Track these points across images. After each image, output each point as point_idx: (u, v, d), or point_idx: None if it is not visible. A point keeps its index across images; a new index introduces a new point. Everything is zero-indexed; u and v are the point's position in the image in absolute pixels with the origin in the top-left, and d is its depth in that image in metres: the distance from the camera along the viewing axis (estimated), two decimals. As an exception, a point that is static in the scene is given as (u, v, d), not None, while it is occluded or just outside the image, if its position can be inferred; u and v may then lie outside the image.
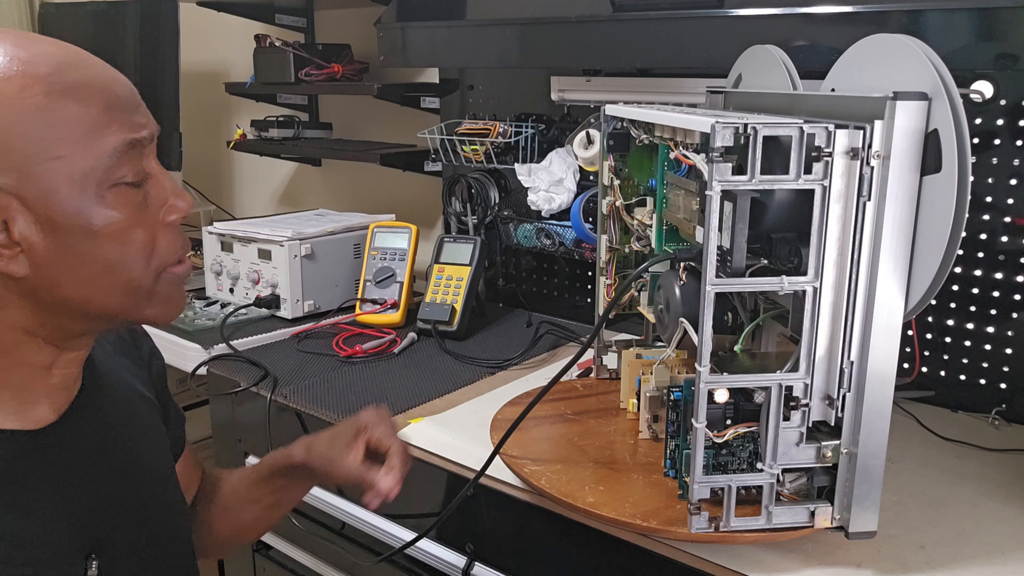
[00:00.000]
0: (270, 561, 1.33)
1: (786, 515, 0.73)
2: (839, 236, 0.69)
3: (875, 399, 0.70)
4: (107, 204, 0.59)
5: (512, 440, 0.89)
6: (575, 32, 1.19)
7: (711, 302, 0.69)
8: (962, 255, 1.09)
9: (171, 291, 0.66)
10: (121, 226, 0.60)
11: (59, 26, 2.30)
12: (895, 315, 0.69)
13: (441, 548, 1.01)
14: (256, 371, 1.25)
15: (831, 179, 0.67)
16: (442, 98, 1.63)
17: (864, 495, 0.72)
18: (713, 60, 1.06)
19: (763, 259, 0.76)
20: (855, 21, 0.94)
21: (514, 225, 1.50)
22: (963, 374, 1.12)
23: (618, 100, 1.35)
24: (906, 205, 0.67)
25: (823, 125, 0.66)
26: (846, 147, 0.67)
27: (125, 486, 0.70)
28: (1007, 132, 1.04)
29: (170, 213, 0.64)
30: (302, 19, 1.97)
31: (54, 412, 0.65)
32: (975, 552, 0.79)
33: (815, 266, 0.69)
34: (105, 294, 0.62)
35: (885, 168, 0.66)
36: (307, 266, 1.48)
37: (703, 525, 0.73)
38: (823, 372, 0.72)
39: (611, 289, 1.04)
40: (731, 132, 0.66)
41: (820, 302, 0.70)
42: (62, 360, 0.65)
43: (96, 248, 0.60)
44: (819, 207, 0.68)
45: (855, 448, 0.71)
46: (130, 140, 0.61)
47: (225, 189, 2.37)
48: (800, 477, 0.75)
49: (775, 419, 0.71)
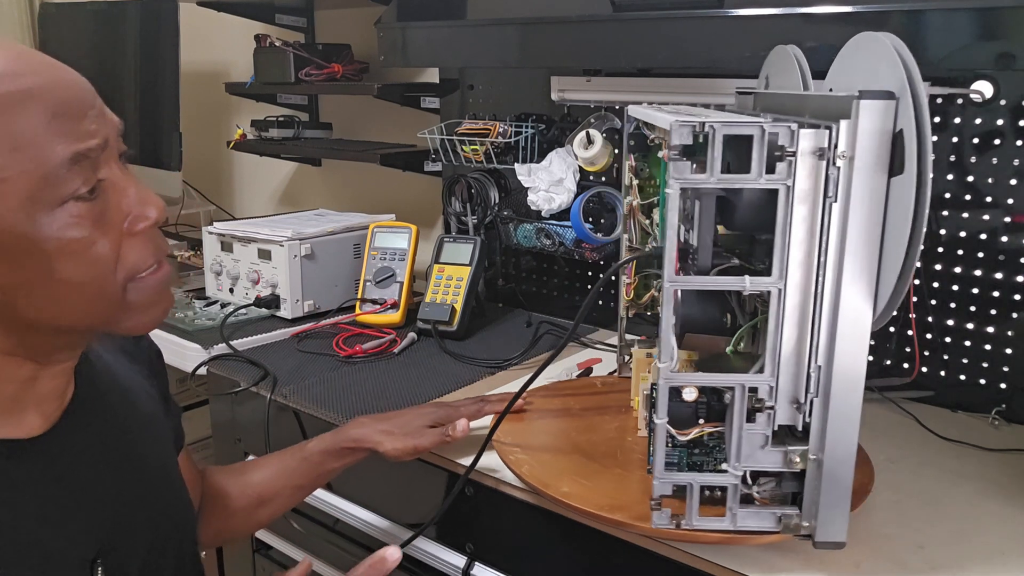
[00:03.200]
0: (270, 561, 1.33)
1: (752, 519, 0.73)
2: (805, 238, 0.68)
3: (843, 405, 0.68)
4: (59, 223, 0.55)
5: (512, 431, 0.92)
6: (575, 32, 1.19)
7: (670, 298, 0.70)
8: (962, 255, 1.09)
9: (148, 298, 0.62)
10: (78, 244, 0.57)
11: (59, 26, 2.31)
12: (862, 320, 0.67)
13: (441, 548, 1.01)
14: (256, 371, 1.25)
15: (794, 179, 0.66)
16: (442, 98, 1.63)
17: (832, 503, 0.70)
18: (713, 60, 1.06)
19: (735, 259, 0.76)
20: (855, 21, 0.94)
21: (514, 225, 1.50)
22: (963, 374, 1.12)
23: (617, 100, 1.36)
24: (872, 207, 0.65)
25: (786, 124, 0.65)
26: (812, 147, 0.66)
27: (129, 487, 0.69)
28: (1007, 132, 1.04)
29: (137, 223, 0.60)
30: (302, 19, 1.97)
31: (45, 421, 0.63)
32: (975, 552, 0.78)
33: (779, 267, 0.68)
34: (73, 312, 0.59)
35: (851, 169, 0.65)
36: (307, 266, 1.48)
37: (664, 521, 0.74)
38: (790, 376, 0.70)
39: (630, 288, 1.05)
40: (688, 131, 0.66)
41: (785, 304, 0.69)
42: (47, 373, 0.63)
43: (54, 269, 0.56)
44: (783, 207, 0.67)
45: (823, 455, 0.69)
46: (76, 153, 0.56)
47: (225, 189, 2.37)
48: (772, 481, 0.75)
49: (739, 420, 0.71)
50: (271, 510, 0.95)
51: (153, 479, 0.73)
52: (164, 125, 1.94)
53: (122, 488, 0.68)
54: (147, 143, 2.00)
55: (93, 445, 0.67)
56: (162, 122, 1.95)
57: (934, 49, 0.91)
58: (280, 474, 0.94)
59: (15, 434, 0.61)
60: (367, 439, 0.92)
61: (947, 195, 1.09)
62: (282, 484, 0.94)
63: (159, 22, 1.93)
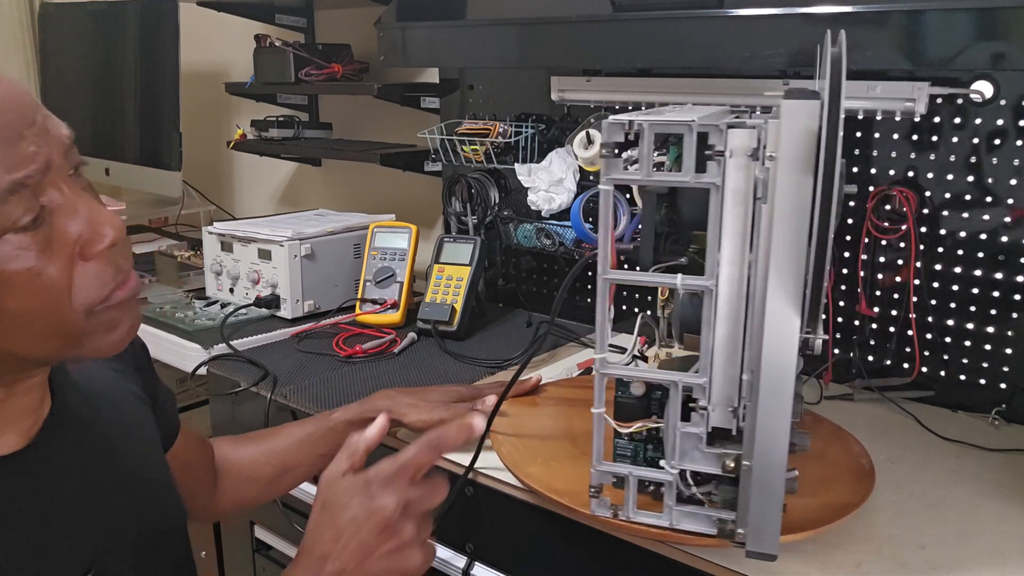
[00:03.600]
0: (270, 561, 1.33)
1: (690, 520, 0.73)
2: (739, 238, 0.67)
3: (771, 411, 0.66)
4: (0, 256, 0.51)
5: (511, 422, 0.97)
6: (575, 32, 1.19)
7: (604, 293, 0.71)
8: (962, 255, 1.09)
9: (113, 318, 0.58)
10: (22, 277, 0.52)
11: (59, 26, 2.31)
12: (789, 328, 0.65)
13: (441, 548, 1.01)
14: (256, 371, 1.25)
15: (724, 179, 0.66)
16: (442, 98, 1.63)
17: (762, 512, 0.68)
18: (713, 60, 1.06)
19: (682, 258, 0.76)
20: (855, 21, 0.94)
21: (514, 225, 1.50)
22: (963, 374, 1.12)
23: (617, 100, 1.36)
24: (797, 210, 0.63)
25: (715, 124, 0.65)
26: (745, 147, 0.65)
27: (118, 496, 0.67)
28: (1007, 132, 1.04)
29: (91, 245, 0.55)
30: (302, 19, 1.97)
31: (23, 437, 0.60)
32: (975, 552, 0.79)
33: (711, 266, 0.68)
34: (28, 345, 0.55)
35: (776, 169, 0.64)
36: (307, 266, 1.48)
37: (603, 510, 0.75)
38: (725, 379, 0.70)
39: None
40: (619, 128, 0.67)
41: (716, 304, 0.68)
42: (16, 391, 0.59)
43: (1, 302, 0.52)
44: (714, 207, 0.67)
45: (752, 461, 0.68)
46: (12, 183, 0.51)
47: (225, 189, 2.37)
48: (711, 484, 0.74)
49: (674, 419, 0.71)
50: (294, 477, 0.97)
51: (139, 487, 0.71)
52: (164, 125, 1.94)
53: (107, 500, 0.66)
54: (147, 143, 2.00)
55: (74, 458, 0.64)
56: (162, 122, 1.95)
57: (934, 49, 0.91)
58: (305, 442, 0.96)
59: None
60: (393, 410, 0.94)
61: (947, 195, 1.09)
62: (307, 452, 0.96)
63: (159, 22, 1.93)
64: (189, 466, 0.88)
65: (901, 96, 1.07)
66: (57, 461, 0.63)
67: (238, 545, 1.38)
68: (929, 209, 1.10)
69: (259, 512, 1.30)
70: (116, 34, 2.09)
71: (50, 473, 0.62)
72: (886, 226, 1.12)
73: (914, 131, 1.11)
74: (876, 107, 1.09)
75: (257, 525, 1.32)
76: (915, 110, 1.06)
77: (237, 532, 1.37)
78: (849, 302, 1.18)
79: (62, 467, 0.63)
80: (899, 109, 1.08)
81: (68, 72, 2.27)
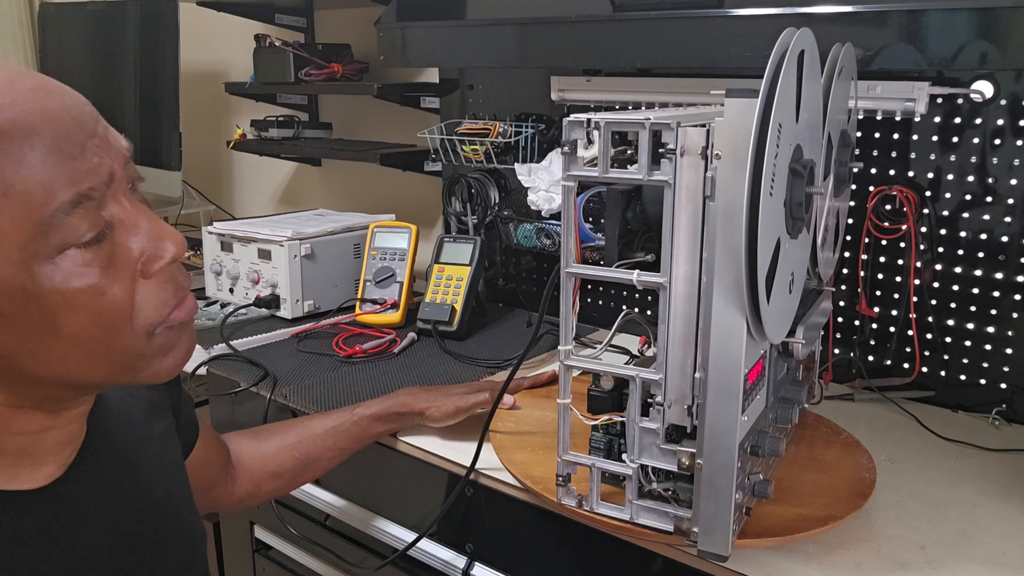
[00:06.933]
0: (270, 561, 1.33)
1: (649, 515, 0.74)
2: (692, 237, 0.67)
3: (719, 415, 0.67)
4: (61, 273, 0.49)
5: (514, 415, 1.03)
6: (575, 32, 1.19)
7: (568, 287, 0.73)
8: (962, 255, 1.09)
9: (170, 341, 0.56)
10: (85, 296, 0.50)
11: (59, 26, 2.31)
12: (736, 329, 0.64)
13: (441, 548, 1.01)
14: (256, 371, 1.25)
15: (675, 176, 0.66)
16: (442, 98, 1.63)
17: (713, 512, 0.68)
18: (713, 60, 1.06)
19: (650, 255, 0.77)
20: (855, 21, 0.94)
21: (514, 225, 1.50)
22: (963, 374, 1.12)
23: (617, 100, 1.36)
24: (734, 208, 0.62)
25: (668, 122, 0.65)
26: (696, 146, 0.65)
27: (140, 524, 0.65)
28: (1007, 132, 1.04)
29: (152, 262, 0.53)
30: (302, 19, 1.97)
31: (59, 467, 0.59)
32: (975, 552, 0.79)
33: (665, 263, 0.68)
34: (84, 368, 0.52)
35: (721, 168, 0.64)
36: (307, 266, 1.48)
37: (568, 499, 0.77)
38: (680, 377, 0.70)
39: None
40: (579, 126, 0.69)
41: (670, 301, 0.68)
42: (61, 420, 0.57)
43: (59, 325, 0.50)
44: (667, 204, 0.67)
45: (702, 460, 0.68)
46: (77, 195, 0.49)
47: (225, 189, 2.37)
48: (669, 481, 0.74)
49: (634, 413, 0.72)
50: (317, 469, 0.98)
51: (162, 514, 0.69)
52: (164, 125, 1.94)
53: (134, 524, 0.65)
54: (147, 143, 2.00)
55: (103, 490, 0.62)
56: (162, 122, 1.95)
57: (934, 49, 0.91)
58: (329, 434, 0.97)
59: (28, 484, 0.56)
60: (415, 405, 0.99)
61: (947, 195, 1.09)
62: (330, 444, 0.97)
63: (159, 22, 1.93)
64: (207, 464, 0.88)
65: (901, 96, 1.07)
66: (87, 495, 0.61)
67: (238, 545, 1.38)
68: (929, 209, 1.10)
69: (259, 512, 1.30)
70: (116, 34, 2.09)
71: (81, 502, 0.60)
72: (886, 226, 1.12)
73: (914, 131, 1.11)
74: (876, 107, 1.10)
75: (257, 525, 1.32)
76: (915, 110, 1.07)
77: (237, 532, 1.37)
78: (849, 302, 1.19)
79: (91, 498, 0.61)
80: (899, 109, 1.08)
81: (68, 72, 2.27)
